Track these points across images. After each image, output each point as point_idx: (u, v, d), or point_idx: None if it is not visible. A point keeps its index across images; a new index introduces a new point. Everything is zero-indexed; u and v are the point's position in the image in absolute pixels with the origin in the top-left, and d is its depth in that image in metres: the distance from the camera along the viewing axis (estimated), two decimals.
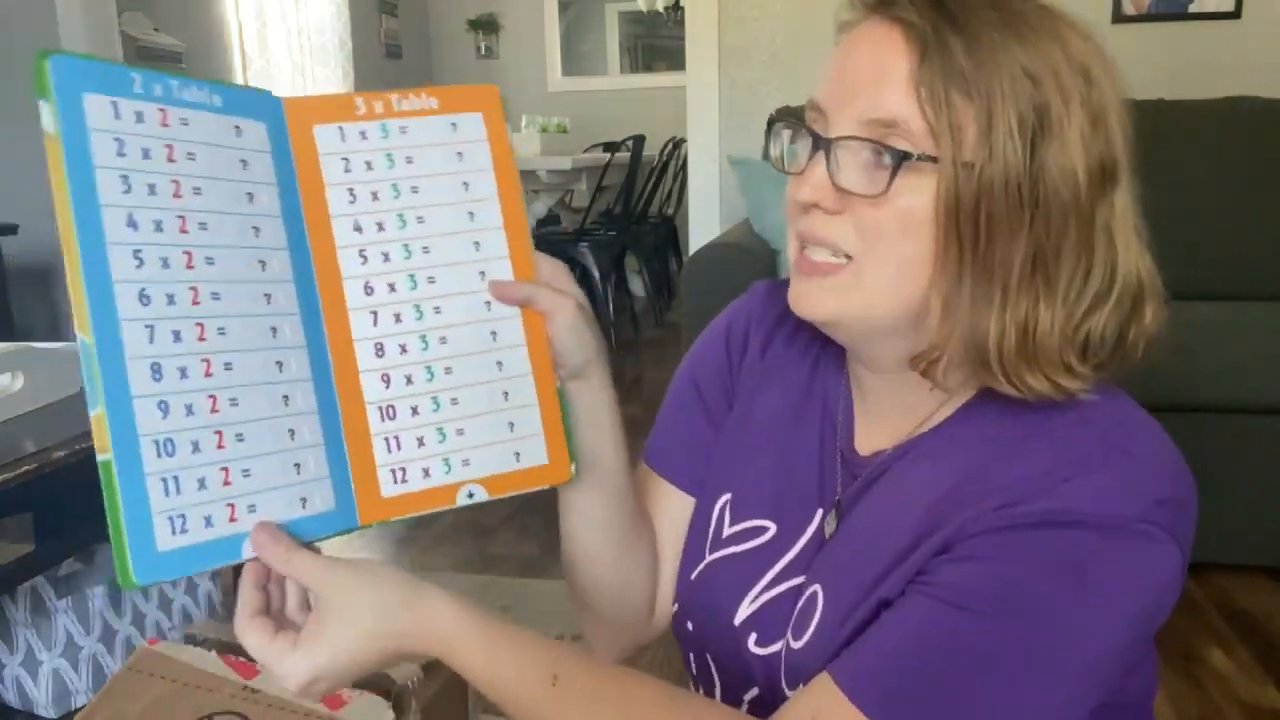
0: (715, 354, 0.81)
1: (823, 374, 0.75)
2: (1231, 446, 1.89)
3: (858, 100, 0.59)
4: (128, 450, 0.51)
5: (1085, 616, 0.54)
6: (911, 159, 0.56)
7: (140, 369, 0.52)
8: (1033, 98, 0.56)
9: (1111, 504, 0.54)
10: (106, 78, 0.53)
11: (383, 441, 0.61)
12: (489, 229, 0.64)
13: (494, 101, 0.66)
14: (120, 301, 0.52)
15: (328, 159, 0.61)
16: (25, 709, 1.55)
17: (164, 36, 3.89)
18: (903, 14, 0.58)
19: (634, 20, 6.20)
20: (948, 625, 0.55)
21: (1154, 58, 2.70)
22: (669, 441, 0.81)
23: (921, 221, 0.58)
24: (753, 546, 0.72)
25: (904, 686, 0.55)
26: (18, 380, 1.36)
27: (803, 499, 0.71)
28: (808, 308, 0.63)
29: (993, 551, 0.56)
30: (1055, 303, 0.58)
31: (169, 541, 0.52)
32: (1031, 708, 0.54)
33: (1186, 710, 1.54)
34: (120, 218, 0.52)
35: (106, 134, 0.52)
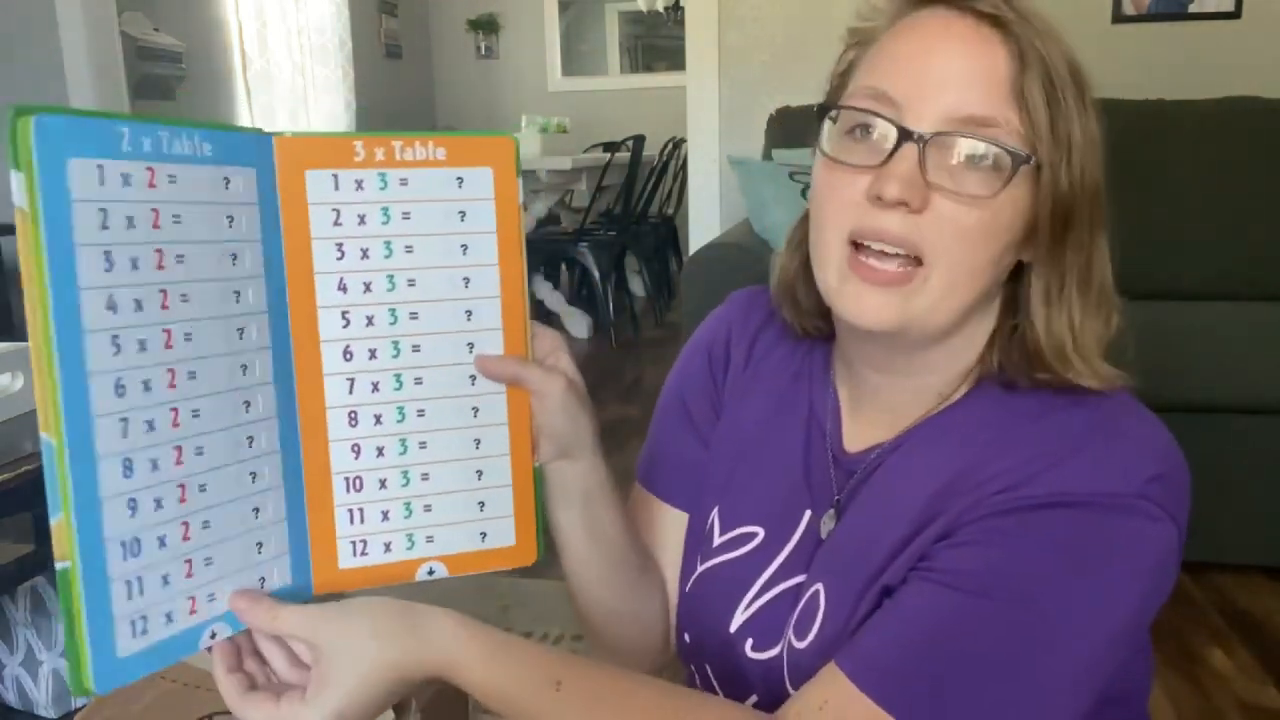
0: (699, 372, 0.80)
1: (807, 378, 0.74)
2: (1231, 446, 1.89)
3: (950, 96, 0.57)
4: (92, 557, 0.47)
5: (1086, 594, 0.54)
6: (1028, 162, 0.56)
7: (111, 467, 0.48)
8: (1086, 102, 0.58)
9: (1106, 482, 0.55)
10: (93, 136, 0.47)
11: (346, 513, 0.59)
12: (484, 298, 0.60)
13: (508, 156, 0.60)
14: (95, 395, 0.47)
15: (317, 209, 0.56)
16: (25, 709, 1.55)
17: (164, 36, 3.89)
18: (987, 9, 0.57)
19: (634, 20, 6.20)
20: (952, 609, 0.55)
21: (1154, 58, 2.70)
22: (661, 461, 0.80)
23: (1006, 225, 0.58)
24: (742, 553, 0.72)
25: (911, 672, 0.55)
26: (18, 380, 1.36)
27: (789, 502, 0.71)
28: (873, 319, 0.59)
29: (992, 536, 0.56)
30: (1090, 304, 0.60)
31: (130, 646, 0.49)
32: (1040, 687, 0.54)
33: (1186, 710, 1.54)
34: (99, 300, 0.47)
35: (90, 204, 0.47)
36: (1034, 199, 0.58)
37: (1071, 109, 0.57)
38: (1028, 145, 0.56)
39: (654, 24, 6.15)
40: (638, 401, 3.42)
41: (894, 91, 0.58)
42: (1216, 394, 1.86)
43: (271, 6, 4.62)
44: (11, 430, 1.30)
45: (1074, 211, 0.58)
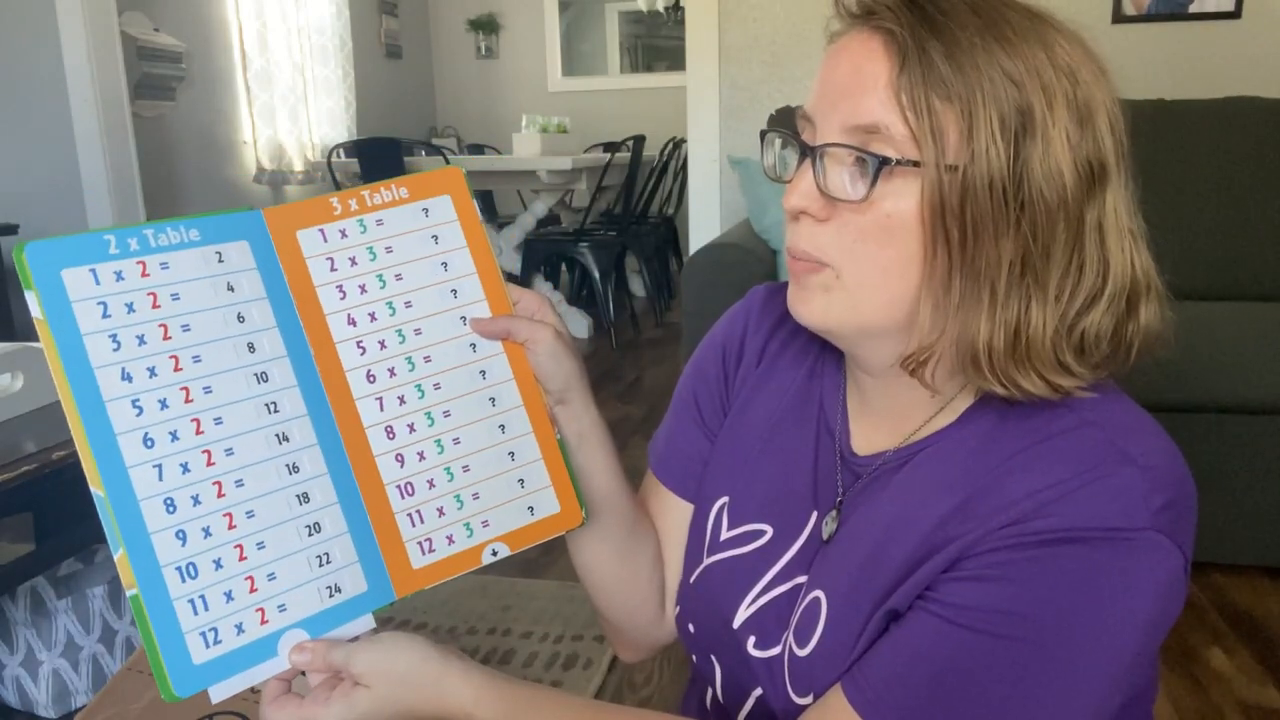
0: (713, 365, 0.82)
1: (819, 377, 0.75)
2: (1231, 446, 1.89)
3: (840, 108, 0.59)
4: (152, 582, 0.56)
5: (1096, 632, 0.54)
6: (891, 164, 0.57)
7: (154, 506, 0.56)
8: (1015, 100, 0.56)
9: (1116, 516, 0.54)
10: (81, 249, 0.57)
11: (406, 518, 0.65)
12: (473, 303, 0.68)
13: (459, 182, 0.69)
14: (125, 451, 0.56)
15: (314, 261, 0.65)
16: (25, 709, 1.55)
17: (164, 36, 3.89)
18: (883, 23, 0.58)
19: (634, 20, 6.21)
20: (961, 647, 0.55)
21: (1154, 58, 2.70)
22: (669, 450, 0.83)
23: (905, 225, 0.58)
24: (750, 550, 0.73)
25: (922, 711, 0.56)
26: (18, 380, 1.36)
27: (798, 501, 0.72)
28: (802, 312, 0.64)
29: (1001, 571, 0.56)
30: (1047, 302, 0.58)
31: (204, 655, 0.57)
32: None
33: (1186, 710, 1.54)
34: (114, 374, 0.57)
35: (89, 301, 0.57)
36: (924, 200, 0.57)
37: (980, 109, 0.56)
38: (913, 148, 0.57)
39: (654, 24, 6.15)
40: (638, 401, 3.42)
41: (809, 109, 0.62)
42: (1216, 394, 1.86)
43: (271, 6, 4.62)
44: (11, 430, 1.30)
45: (979, 211, 0.56)
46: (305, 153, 4.89)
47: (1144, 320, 0.60)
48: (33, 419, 1.35)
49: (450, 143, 5.37)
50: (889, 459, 0.67)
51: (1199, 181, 2.30)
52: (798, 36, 2.90)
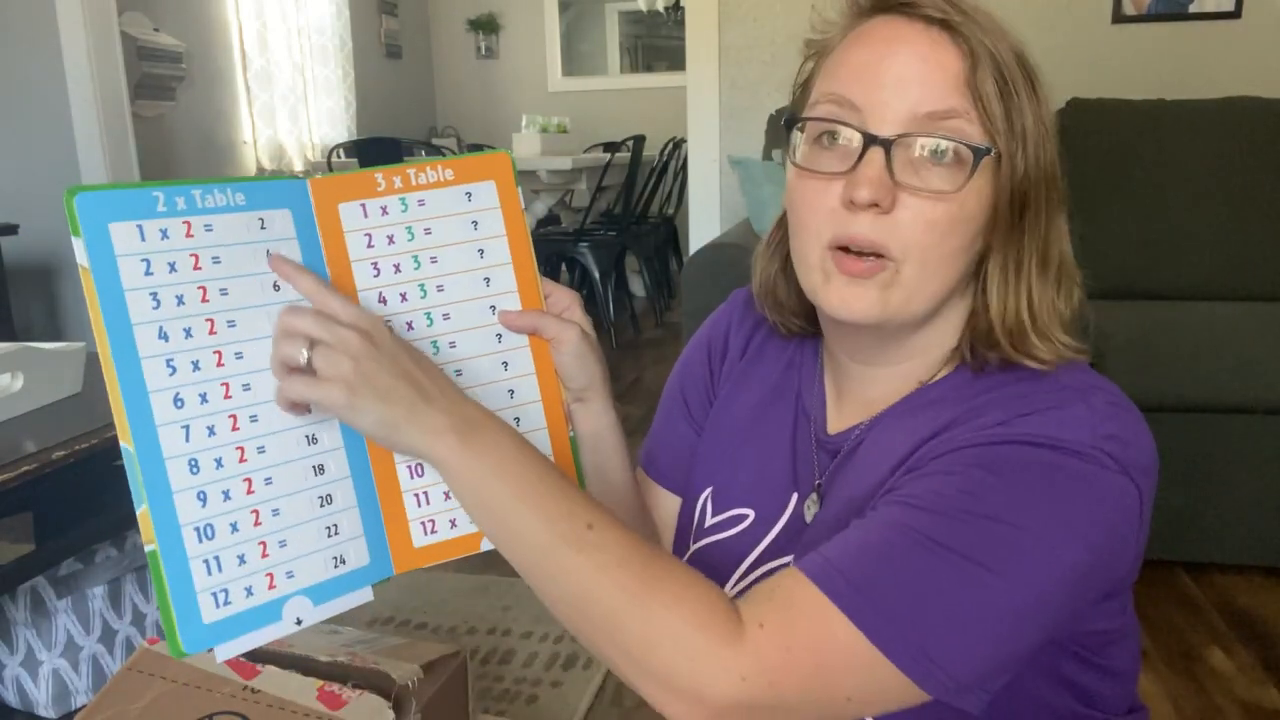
0: (698, 363, 0.85)
1: (797, 367, 0.78)
2: (1231, 446, 1.89)
3: (906, 97, 0.60)
4: (171, 540, 0.57)
5: (1038, 521, 0.56)
6: (989, 153, 0.59)
7: (178, 466, 0.57)
8: (1036, 92, 0.61)
9: (1065, 433, 0.57)
10: (130, 203, 0.57)
11: (413, 497, 0.66)
12: (505, 293, 0.68)
13: (506, 168, 0.69)
14: (156, 409, 0.57)
15: (352, 235, 0.65)
16: (25, 709, 1.55)
17: (164, 36, 3.89)
18: (935, 14, 0.60)
19: (634, 20, 6.20)
20: (907, 522, 0.57)
21: (1154, 58, 2.70)
22: (658, 447, 0.86)
23: (974, 215, 0.61)
24: (733, 533, 0.75)
25: (859, 570, 0.56)
26: (18, 380, 1.36)
27: (777, 485, 0.74)
28: (859, 311, 0.63)
29: (952, 465, 0.58)
30: (1048, 280, 0.64)
31: (214, 614, 0.58)
32: (985, 603, 0.55)
33: (1186, 710, 1.54)
34: (151, 332, 0.57)
35: (133, 257, 0.57)
36: (994, 187, 0.61)
37: (1023, 100, 0.60)
38: (986, 137, 0.60)
39: (654, 24, 6.15)
40: (638, 401, 3.42)
41: (855, 98, 0.61)
42: (1216, 394, 1.86)
43: (271, 6, 4.61)
44: (11, 430, 1.30)
45: (1029, 196, 0.61)
46: (305, 153, 4.89)
47: (1075, 301, 0.66)
48: (33, 419, 1.35)
49: (450, 143, 5.37)
50: (861, 431, 0.70)
51: (1199, 181, 2.30)
52: (798, 36, 2.88)
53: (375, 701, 0.96)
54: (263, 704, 0.94)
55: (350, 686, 0.96)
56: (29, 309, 3.28)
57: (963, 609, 0.54)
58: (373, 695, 0.96)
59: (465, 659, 1.10)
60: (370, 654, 1.05)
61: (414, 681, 1.00)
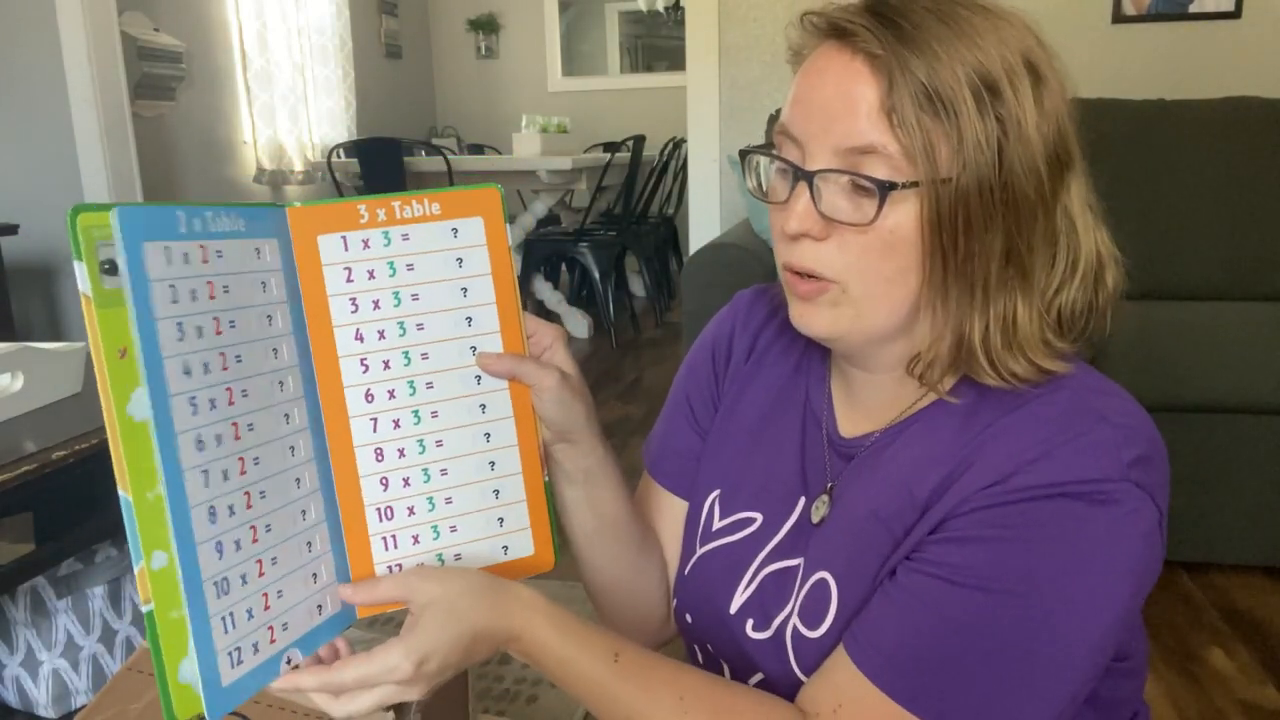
0: (703, 365, 0.85)
1: (804, 371, 0.78)
2: (1231, 446, 1.89)
3: (831, 131, 0.60)
4: (196, 598, 0.52)
5: (1082, 582, 0.56)
6: (897, 187, 0.58)
7: (201, 515, 0.53)
8: (993, 105, 0.58)
9: (1092, 470, 0.56)
10: (159, 221, 0.52)
11: (380, 540, 0.64)
12: (486, 334, 0.66)
13: (495, 204, 0.66)
14: (182, 450, 0.52)
15: (330, 269, 0.62)
16: (25, 709, 1.55)
17: (164, 36, 3.89)
18: (862, 44, 0.59)
19: (634, 20, 6.20)
20: (954, 604, 0.57)
21: (1154, 58, 2.70)
22: (663, 451, 0.85)
23: (905, 239, 0.60)
24: (741, 537, 0.75)
25: (923, 667, 0.58)
26: (18, 380, 1.36)
27: (785, 488, 0.74)
28: (811, 327, 0.65)
29: (986, 529, 0.58)
30: (1032, 292, 0.61)
31: (230, 675, 0.54)
32: (1043, 675, 0.57)
33: (1186, 710, 1.54)
34: (178, 367, 0.52)
35: (163, 282, 0.52)
36: (924, 212, 0.59)
37: (965, 117, 0.57)
38: (908, 166, 0.58)
39: (654, 24, 6.15)
40: (638, 401, 3.42)
41: (794, 130, 0.62)
42: (1216, 394, 1.86)
43: (271, 6, 4.61)
44: (11, 430, 1.30)
45: (970, 215, 0.58)
46: (305, 153, 4.89)
47: (1110, 287, 0.64)
48: (33, 419, 1.35)
49: (450, 143, 5.37)
50: (877, 439, 0.69)
51: (1199, 181, 2.30)
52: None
53: None
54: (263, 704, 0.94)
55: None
56: (29, 309, 3.28)
57: (1024, 685, 0.57)
58: None
59: None
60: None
61: None
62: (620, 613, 0.82)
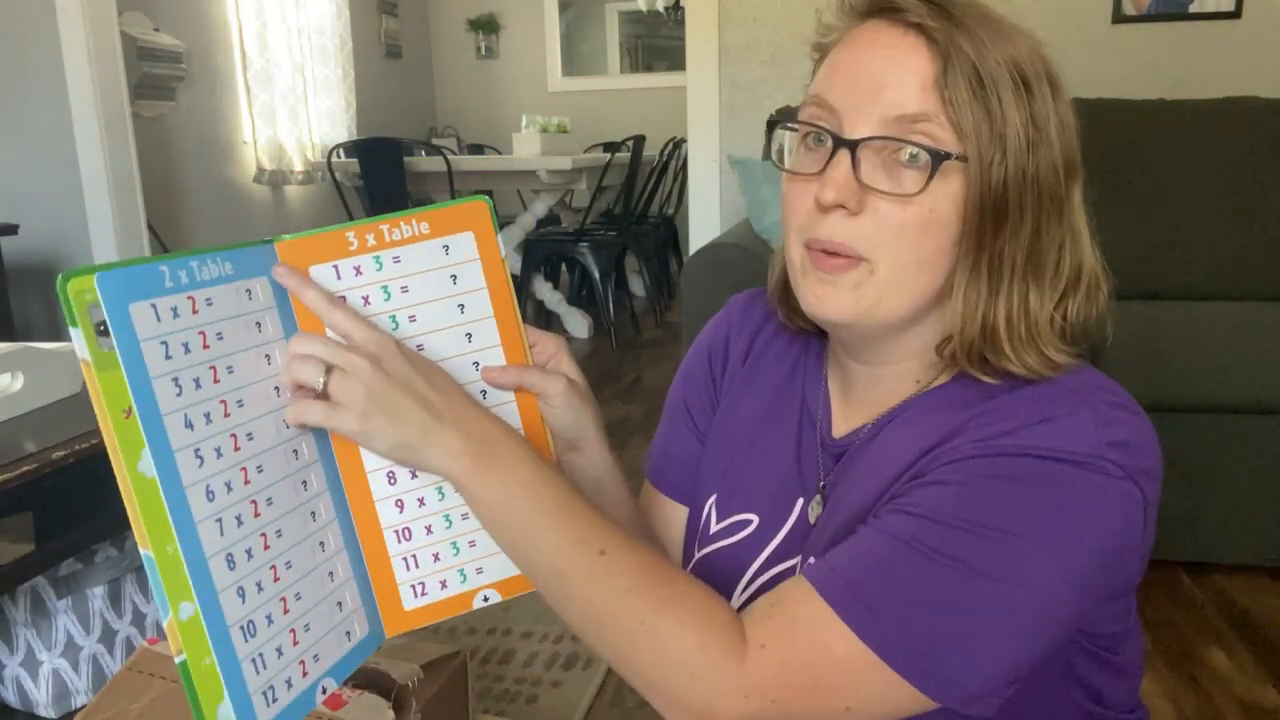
0: (700, 370, 0.85)
1: (801, 373, 0.78)
2: (1231, 446, 1.89)
3: (880, 100, 0.60)
4: (223, 645, 0.53)
5: (1045, 532, 0.56)
6: (951, 158, 0.59)
7: (219, 563, 0.53)
8: (1026, 101, 0.60)
9: (1071, 443, 0.57)
10: (142, 280, 0.52)
11: (401, 562, 0.65)
12: (488, 348, 0.66)
13: (484, 217, 0.66)
14: (193, 504, 0.52)
15: None
16: (25, 709, 1.55)
17: (164, 36, 3.89)
18: (913, 18, 0.60)
19: (634, 20, 6.20)
20: (911, 532, 0.57)
21: (1154, 58, 2.70)
22: (663, 458, 0.85)
23: (942, 220, 0.60)
24: (739, 539, 0.75)
25: (863, 581, 0.57)
26: (18, 380, 1.36)
27: (783, 489, 0.74)
28: (829, 309, 0.64)
29: (958, 475, 0.58)
30: (1044, 288, 0.62)
31: (266, 715, 0.55)
32: (989, 613, 0.55)
33: (1186, 710, 1.54)
34: (179, 422, 0.53)
35: (154, 341, 0.52)
36: (966, 193, 0.60)
37: (1006, 105, 0.59)
38: (956, 142, 0.59)
39: (654, 24, 6.15)
40: (638, 401, 3.42)
41: (833, 100, 0.62)
42: (1216, 394, 1.86)
43: (271, 6, 4.61)
44: (11, 430, 1.30)
45: (1007, 202, 0.60)
46: (305, 153, 4.89)
47: (1101, 307, 0.65)
48: (33, 419, 1.35)
49: (450, 143, 5.37)
50: (865, 432, 0.70)
51: (1199, 181, 2.30)
52: (798, 36, 2.89)
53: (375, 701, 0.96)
54: None
55: (350, 686, 0.96)
56: (29, 309, 3.28)
57: (969, 619, 0.55)
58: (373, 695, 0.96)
59: (465, 659, 1.10)
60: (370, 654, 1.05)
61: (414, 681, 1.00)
62: None
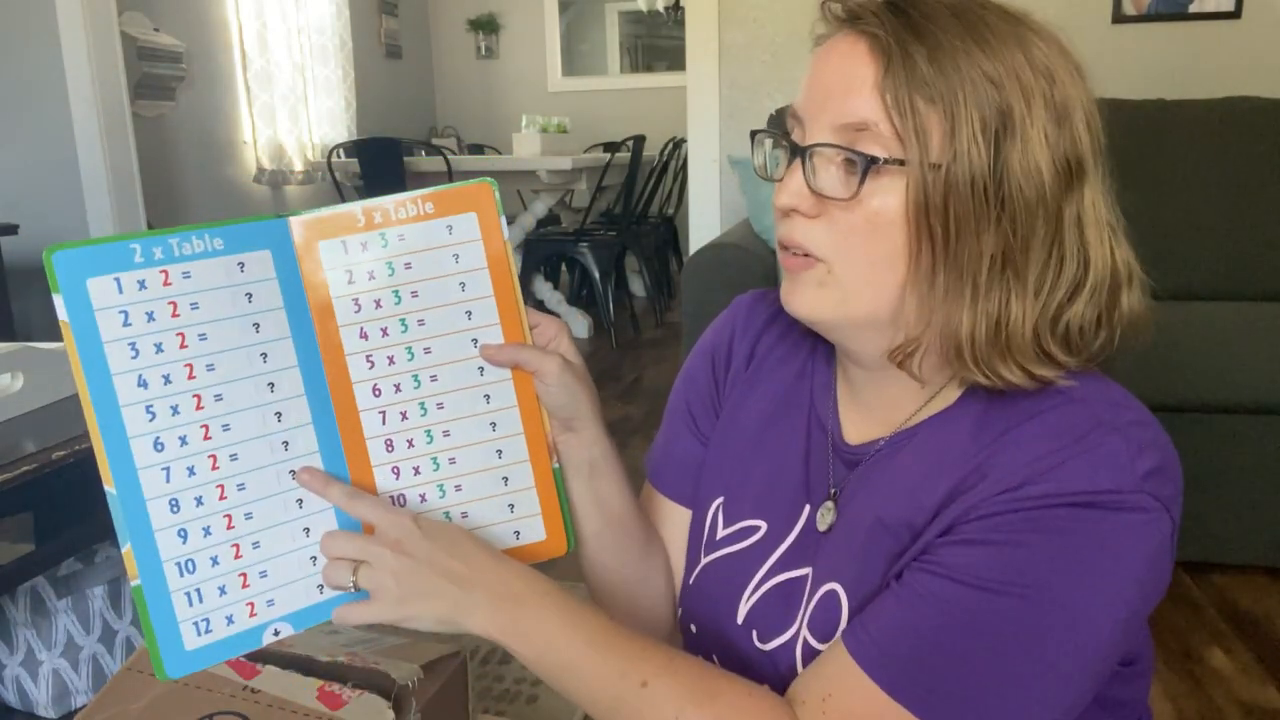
0: (703, 372, 0.84)
1: (809, 375, 0.77)
2: (1231, 446, 1.89)
3: (828, 108, 0.61)
4: (153, 576, 0.60)
5: (1089, 589, 0.56)
6: (879, 162, 0.59)
7: (159, 506, 0.60)
8: (995, 101, 0.58)
9: (1106, 480, 0.56)
10: (107, 257, 0.59)
11: None
12: (487, 326, 0.68)
13: (488, 199, 0.68)
14: (136, 453, 0.60)
15: (332, 273, 0.66)
16: (25, 709, 1.55)
17: (164, 36, 3.89)
18: (868, 27, 0.60)
19: (634, 20, 6.20)
20: (959, 603, 0.57)
21: (1154, 58, 2.70)
22: (665, 459, 0.85)
23: (891, 222, 0.60)
24: (745, 545, 0.74)
25: (919, 662, 0.57)
26: (18, 380, 1.36)
27: (791, 495, 0.73)
28: (795, 306, 0.66)
29: (996, 533, 0.57)
30: (1027, 295, 0.60)
31: (195, 642, 0.62)
32: (1044, 680, 0.56)
33: (1186, 710, 1.54)
34: (130, 381, 0.59)
35: (111, 310, 0.59)
36: (910, 197, 0.59)
37: (962, 110, 0.58)
38: (899, 147, 0.59)
39: (654, 24, 6.15)
40: (638, 401, 3.42)
41: (799, 109, 0.64)
42: (1216, 394, 1.86)
43: (271, 6, 4.61)
44: (11, 430, 1.30)
45: (962, 207, 0.58)
46: (305, 153, 4.89)
47: (1127, 308, 0.63)
48: (33, 419, 1.35)
49: (450, 143, 5.37)
50: (882, 446, 0.68)
51: (1199, 181, 2.30)
52: (798, 36, 2.89)
53: (375, 701, 0.96)
54: (263, 704, 0.94)
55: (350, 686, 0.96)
56: (29, 309, 3.28)
57: (1027, 687, 0.56)
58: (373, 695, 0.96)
59: (465, 659, 1.10)
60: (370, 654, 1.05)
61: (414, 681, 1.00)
62: (625, 620, 0.81)
